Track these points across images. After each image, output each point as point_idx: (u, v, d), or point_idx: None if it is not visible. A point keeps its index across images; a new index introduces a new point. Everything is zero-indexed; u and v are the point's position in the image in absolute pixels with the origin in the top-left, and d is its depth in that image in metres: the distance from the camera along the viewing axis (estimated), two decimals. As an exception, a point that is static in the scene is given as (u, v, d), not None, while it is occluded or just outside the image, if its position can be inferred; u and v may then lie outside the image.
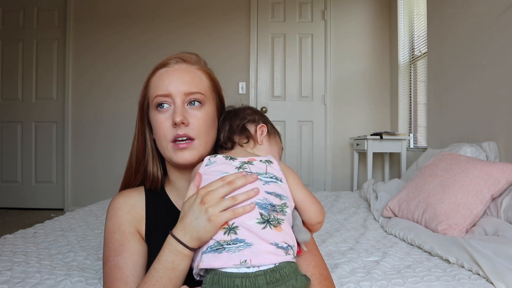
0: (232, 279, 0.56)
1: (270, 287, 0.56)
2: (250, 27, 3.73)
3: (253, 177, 0.63)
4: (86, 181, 3.77)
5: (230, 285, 0.56)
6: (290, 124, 3.76)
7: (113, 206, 0.77)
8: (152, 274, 0.62)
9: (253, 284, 0.56)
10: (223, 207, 0.60)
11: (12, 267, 0.99)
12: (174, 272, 0.62)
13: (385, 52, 3.71)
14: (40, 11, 3.83)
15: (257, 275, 0.56)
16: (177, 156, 0.74)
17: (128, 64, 3.75)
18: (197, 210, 0.61)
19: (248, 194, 0.61)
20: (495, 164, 1.45)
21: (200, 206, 0.61)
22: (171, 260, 0.62)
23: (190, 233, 0.61)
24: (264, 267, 0.57)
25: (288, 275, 0.58)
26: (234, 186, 0.61)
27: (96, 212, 1.86)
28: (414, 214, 1.53)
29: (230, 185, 0.61)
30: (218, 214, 0.59)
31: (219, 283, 0.57)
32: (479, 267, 0.97)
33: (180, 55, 0.80)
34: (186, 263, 0.63)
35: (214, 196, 0.61)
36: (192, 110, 0.75)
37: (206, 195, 0.61)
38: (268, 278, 0.56)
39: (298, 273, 0.61)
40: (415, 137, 3.27)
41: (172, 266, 0.61)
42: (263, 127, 0.82)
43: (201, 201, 0.61)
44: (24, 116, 3.84)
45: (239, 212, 0.60)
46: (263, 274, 0.56)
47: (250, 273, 0.56)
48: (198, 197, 0.62)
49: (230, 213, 0.60)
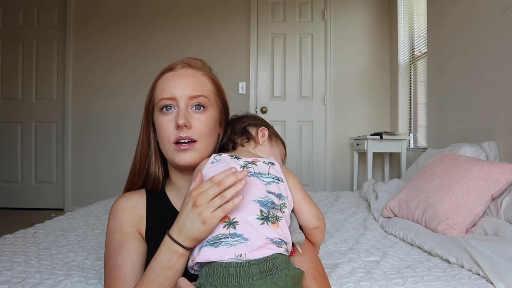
0: (227, 269, 0.58)
1: (264, 276, 0.58)
2: (250, 27, 3.73)
3: (243, 173, 0.63)
4: (86, 181, 3.77)
5: (225, 274, 0.58)
6: (290, 124, 3.76)
7: (115, 207, 0.80)
8: (149, 273, 0.64)
9: (247, 273, 0.57)
10: (214, 207, 0.61)
11: (12, 267, 0.99)
12: (170, 271, 0.63)
13: (385, 52, 3.71)
14: (40, 11, 3.83)
15: (251, 264, 0.58)
16: (178, 157, 0.76)
17: (128, 64, 3.75)
18: (191, 213, 0.62)
19: (236, 188, 0.62)
20: (495, 164, 1.45)
21: (193, 209, 0.62)
22: (167, 259, 0.63)
23: (186, 233, 0.62)
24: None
25: (280, 265, 0.60)
26: (224, 186, 0.62)
27: (96, 212, 1.86)
28: (414, 214, 1.53)
29: (220, 186, 0.62)
30: (211, 216, 0.60)
31: (214, 274, 0.58)
32: (479, 267, 0.97)
33: (186, 60, 0.82)
34: (182, 263, 0.64)
35: (205, 197, 0.62)
36: (195, 114, 0.77)
37: (198, 198, 0.62)
38: (261, 267, 0.58)
39: (290, 264, 0.63)
40: (415, 137, 3.27)
41: (168, 265, 0.63)
42: (264, 129, 0.85)
43: (194, 204, 0.62)
44: (24, 116, 3.84)
45: (229, 208, 0.61)
46: (257, 263, 0.59)
47: (244, 262, 0.58)
48: (191, 199, 0.63)
49: (221, 211, 0.61)
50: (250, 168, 0.69)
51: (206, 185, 0.63)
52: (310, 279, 0.69)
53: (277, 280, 0.58)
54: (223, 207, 0.61)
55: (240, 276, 0.57)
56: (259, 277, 0.57)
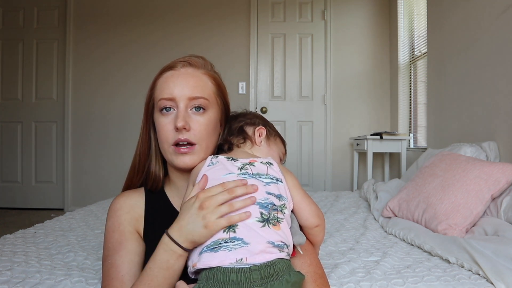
0: (227, 274, 0.57)
1: (264, 282, 0.57)
2: (250, 27, 3.73)
3: (253, 188, 0.63)
4: (86, 181, 3.77)
5: (226, 280, 0.57)
6: (290, 124, 3.76)
7: (113, 206, 0.80)
8: (147, 273, 0.63)
9: (248, 279, 0.57)
10: (219, 214, 0.61)
11: (12, 267, 0.99)
12: (168, 271, 0.62)
13: (385, 52, 3.71)
14: (40, 11, 3.83)
15: (251, 270, 0.57)
16: (178, 160, 0.75)
17: (128, 64, 3.75)
18: (195, 215, 0.61)
19: (245, 202, 0.62)
20: (495, 164, 1.45)
21: (198, 211, 0.61)
22: (165, 260, 0.62)
23: (185, 235, 0.61)
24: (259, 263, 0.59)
25: (281, 270, 0.59)
26: (234, 194, 0.62)
27: (96, 212, 1.86)
28: (414, 214, 1.53)
29: (230, 193, 0.62)
30: (215, 221, 0.60)
31: (214, 279, 0.58)
32: (479, 267, 0.97)
33: (187, 59, 0.80)
34: (180, 263, 0.63)
35: (212, 202, 0.61)
36: (194, 116, 0.76)
37: (205, 201, 0.62)
38: (262, 273, 0.57)
39: (292, 269, 0.62)
40: (415, 137, 3.27)
41: (167, 266, 0.62)
42: (261, 129, 0.82)
43: (200, 206, 0.62)
44: (24, 116, 3.84)
45: (234, 220, 0.60)
46: (258, 269, 0.58)
47: (245, 268, 0.58)
48: (197, 201, 0.63)
49: (226, 220, 0.60)
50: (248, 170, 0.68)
51: (216, 189, 0.63)
52: (310, 281, 0.68)
53: (278, 287, 0.57)
54: (229, 217, 0.60)
55: (240, 282, 0.56)
56: (260, 283, 0.57)
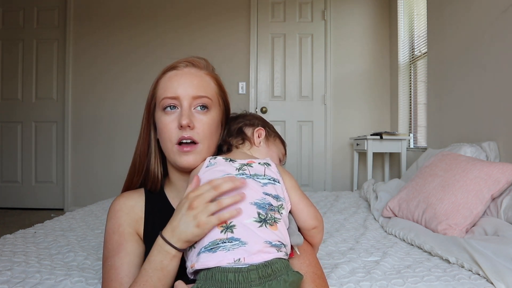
0: (225, 274, 0.57)
1: (262, 281, 0.57)
2: (250, 27, 3.73)
3: (241, 182, 0.63)
4: (86, 181, 3.77)
5: (223, 279, 0.57)
6: (290, 124, 3.76)
7: (113, 207, 0.79)
8: (142, 274, 0.63)
9: (246, 279, 0.57)
10: (209, 212, 0.61)
11: (12, 267, 0.99)
12: (162, 272, 0.63)
13: (385, 52, 3.71)
14: (40, 11, 3.83)
15: (249, 269, 0.58)
16: (181, 159, 0.75)
17: (128, 64, 3.75)
18: (186, 215, 0.62)
19: (234, 198, 0.62)
20: (495, 164, 1.45)
21: (188, 211, 0.62)
22: (159, 261, 0.63)
23: (178, 235, 0.62)
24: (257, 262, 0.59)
25: (279, 270, 0.59)
26: (220, 190, 0.62)
27: (96, 212, 1.86)
28: (414, 214, 1.53)
29: (217, 190, 0.62)
30: (206, 220, 0.60)
31: (212, 278, 0.58)
32: (479, 267, 0.97)
33: (190, 59, 0.81)
34: (174, 264, 0.64)
35: (201, 200, 0.61)
36: (198, 114, 0.76)
37: (194, 200, 0.62)
38: (260, 273, 0.58)
39: (290, 268, 0.62)
40: (415, 137, 3.27)
41: (161, 266, 0.63)
42: (260, 130, 0.83)
43: (189, 206, 0.62)
44: (24, 116, 3.84)
45: (225, 217, 0.60)
46: (256, 269, 0.58)
47: (243, 267, 0.58)
48: (187, 201, 0.63)
49: (216, 218, 0.60)
50: (245, 170, 0.68)
51: (204, 188, 0.63)
52: (309, 282, 0.68)
53: (276, 286, 0.57)
54: (219, 215, 0.61)
55: (238, 282, 0.56)
56: (258, 283, 0.57)
